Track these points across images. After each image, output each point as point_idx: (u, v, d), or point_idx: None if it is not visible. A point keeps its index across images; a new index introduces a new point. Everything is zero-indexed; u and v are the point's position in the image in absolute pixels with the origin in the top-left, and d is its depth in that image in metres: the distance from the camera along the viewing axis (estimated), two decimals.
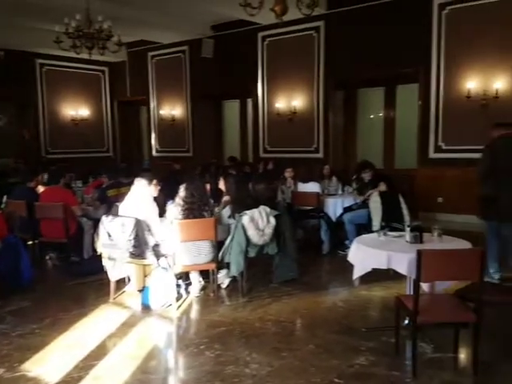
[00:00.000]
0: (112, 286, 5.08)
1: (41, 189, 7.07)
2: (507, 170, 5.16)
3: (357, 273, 4.08)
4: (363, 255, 4.02)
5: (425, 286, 3.78)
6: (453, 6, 8.60)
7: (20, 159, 11.95)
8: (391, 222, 5.74)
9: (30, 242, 6.58)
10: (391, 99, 10.42)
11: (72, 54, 8.23)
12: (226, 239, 5.24)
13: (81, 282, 5.75)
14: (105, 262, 5.03)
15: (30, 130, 13.26)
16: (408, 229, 4.07)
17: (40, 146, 13.39)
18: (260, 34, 11.22)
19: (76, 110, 14.08)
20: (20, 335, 4.25)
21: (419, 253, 3.20)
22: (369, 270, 3.98)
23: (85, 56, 8.06)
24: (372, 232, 5.60)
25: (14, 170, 10.99)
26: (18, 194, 6.75)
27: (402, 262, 3.66)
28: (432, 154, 9.09)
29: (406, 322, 3.96)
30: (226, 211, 5.54)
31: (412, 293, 3.49)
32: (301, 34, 10.51)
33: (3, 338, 4.19)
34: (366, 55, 9.61)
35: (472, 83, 8.48)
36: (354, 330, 4.17)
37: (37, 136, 13.37)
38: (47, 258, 6.74)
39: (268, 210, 5.27)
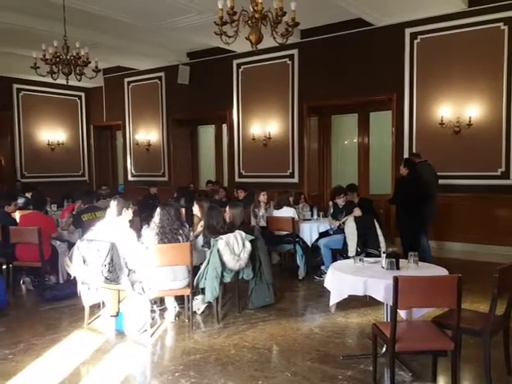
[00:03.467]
0: (86, 311, 5.00)
1: (18, 214, 6.98)
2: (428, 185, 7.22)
3: (333, 299, 4.08)
4: (339, 281, 4.02)
5: (402, 313, 3.79)
6: (424, 36, 8.88)
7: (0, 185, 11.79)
8: (367, 247, 5.80)
9: (4, 267, 6.48)
10: (365, 125, 10.60)
11: (49, 80, 8.20)
12: (201, 264, 5.19)
13: (55, 306, 5.67)
14: (79, 287, 4.95)
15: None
16: (384, 255, 4.09)
17: (16, 170, 13.30)
18: (235, 62, 11.39)
19: (52, 134, 14.08)
20: None
21: (396, 279, 3.18)
22: (345, 296, 3.98)
23: (62, 82, 8.03)
24: (348, 257, 5.64)
25: None
26: None
27: (379, 288, 3.67)
28: None
29: (384, 349, 3.96)
30: (200, 240, 5.51)
31: (389, 320, 3.49)
32: (275, 61, 10.70)
33: None
34: (339, 83, 9.83)
35: (445, 111, 8.70)
36: (331, 357, 4.13)
37: (13, 160, 13.29)
38: (21, 282, 6.63)
39: (243, 234, 5.25)
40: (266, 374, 3.85)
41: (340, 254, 6.46)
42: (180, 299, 5.25)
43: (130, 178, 14.03)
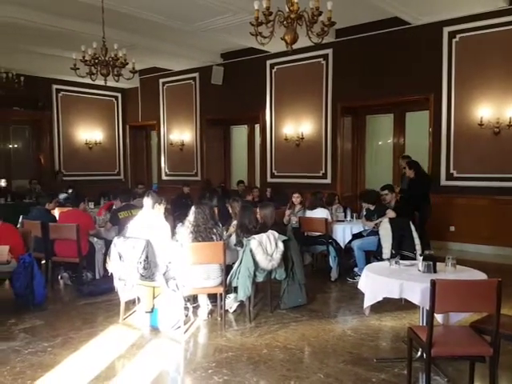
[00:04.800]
0: (122, 306, 5.10)
1: (57, 211, 7.15)
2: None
3: (367, 301, 4.03)
4: (374, 284, 3.97)
5: (439, 317, 3.71)
6: (463, 35, 8.67)
7: (35, 181, 12.16)
8: (401, 249, 5.70)
9: (43, 262, 6.66)
10: (401, 126, 10.41)
11: (87, 80, 8.40)
12: (234, 263, 5.22)
13: (91, 301, 5.83)
14: (116, 283, 5.06)
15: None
16: (421, 258, 4.02)
17: (54, 169, 13.69)
18: (268, 62, 11.38)
19: (90, 134, 14.44)
20: (32, 353, 4.29)
21: (433, 283, 3.11)
22: (380, 299, 3.92)
23: (100, 82, 8.21)
24: (382, 259, 5.56)
25: (29, 191, 11.22)
26: (35, 215, 6.90)
27: (415, 291, 3.60)
28: (443, 182, 9.01)
29: (419, 353, 3.89)
30: (233, 239, 5.53)
31: (425, 324, 3.42)
32: (309, 61, 10.65)
33: (16, 355, 4.24)
34: (374, 82, 9.69)
35: (484, 111, 8.46)
36: (365, 360, 4.09)
37: (52, 159, 13.68)
38: (59, 277, 6.82)
39: (276, 234, 5.25)
40: (298, 374, 3.84)
41: (374, 256, 6.39)
42: (213, 297, 5.29)
43: (163, 177, 14.23)
